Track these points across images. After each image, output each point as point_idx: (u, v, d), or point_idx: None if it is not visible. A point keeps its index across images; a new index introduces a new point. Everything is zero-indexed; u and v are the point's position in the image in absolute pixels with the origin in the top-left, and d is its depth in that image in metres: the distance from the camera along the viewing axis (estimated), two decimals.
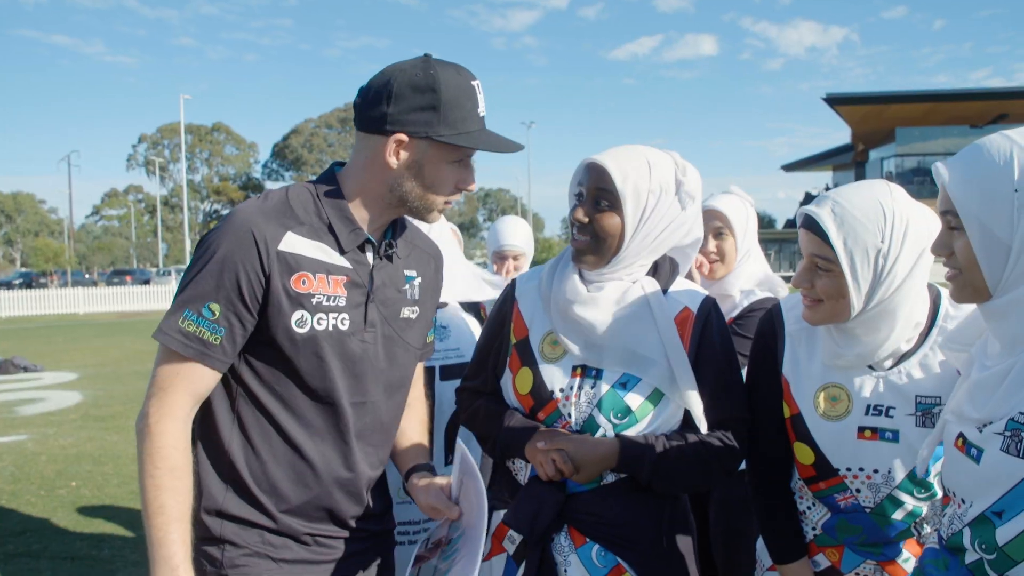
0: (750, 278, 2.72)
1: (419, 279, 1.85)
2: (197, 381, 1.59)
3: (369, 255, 1.73)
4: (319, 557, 1.73)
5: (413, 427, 1.97)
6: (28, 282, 47.60)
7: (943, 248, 1.42)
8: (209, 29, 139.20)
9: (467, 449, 1.72)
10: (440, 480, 1.77)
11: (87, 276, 61.55)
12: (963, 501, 1.42)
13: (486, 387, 1.98)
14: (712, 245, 2.68)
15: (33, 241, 64.01)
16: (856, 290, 1.63)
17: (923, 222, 1.65)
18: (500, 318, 1.97)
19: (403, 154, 1.66)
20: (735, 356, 1.89)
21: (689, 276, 3.11)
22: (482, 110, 1.70)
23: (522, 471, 1.87)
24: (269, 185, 75.52)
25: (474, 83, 1.69)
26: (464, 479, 1.69)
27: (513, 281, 2.00)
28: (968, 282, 1.40)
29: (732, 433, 1.82)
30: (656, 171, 1.80)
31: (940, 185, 1.40)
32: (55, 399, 10.62)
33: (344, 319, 1.67)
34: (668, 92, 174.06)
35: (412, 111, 1.63)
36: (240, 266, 1.58)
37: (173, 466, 1.55)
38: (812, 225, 1.66)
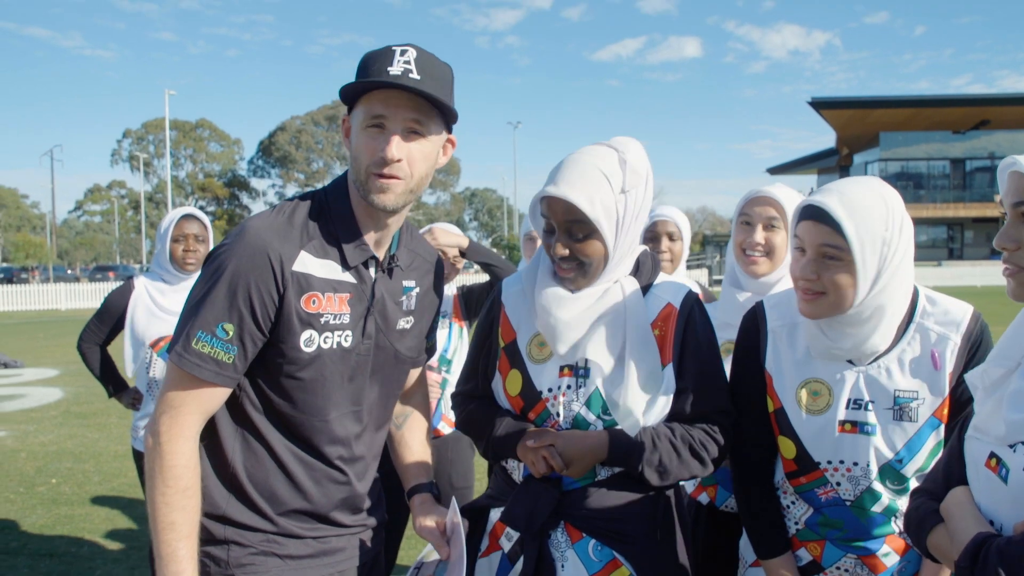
0: None
1: (417, 289, 1.85)
2: (208, 400, 1.60)
3: (372, 268, 1.73)
4: (322, 552, 1.75)
5: (416, 438, 2.00)
6: (9, 277, 47.10)
7: (1011, 241, 1.33)
8: (190, 23, 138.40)
9: (457, 510, 1.79)
10: (437, 516, 1.85)
11: (69, 272, 60.90)
12: (993, 524, 1.32)
13: (478, 391, 1.99)
14: (760, 236, 2.34)
15: (14, 236, 63.34)
16: (864, 279, 1.65)
17: (908, 217, 1.68)
18: (488, 322, 1.98)
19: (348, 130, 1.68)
20: (718, 350, 1.89)
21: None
22: (395, 68, 1.58)
23: (516, 470, 1.88)
24: (255, 183, 75.11)
25: (396, 48, 1.60)
26: (453, 534, 1.76)
27: (500, 285, 2.00)
28: None
29: (717, 425, 1.83)
30: (615, 179, 1.74)
31: (1017, 175, 1.31)
32: (36, 395, 10.53)
33: (348, 336, 1.68)
34: (652, 94, 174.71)
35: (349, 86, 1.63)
36: (254, 286, 1.56)
37: (185, 486, 1.56)
38: (820, 215, 1.66)
